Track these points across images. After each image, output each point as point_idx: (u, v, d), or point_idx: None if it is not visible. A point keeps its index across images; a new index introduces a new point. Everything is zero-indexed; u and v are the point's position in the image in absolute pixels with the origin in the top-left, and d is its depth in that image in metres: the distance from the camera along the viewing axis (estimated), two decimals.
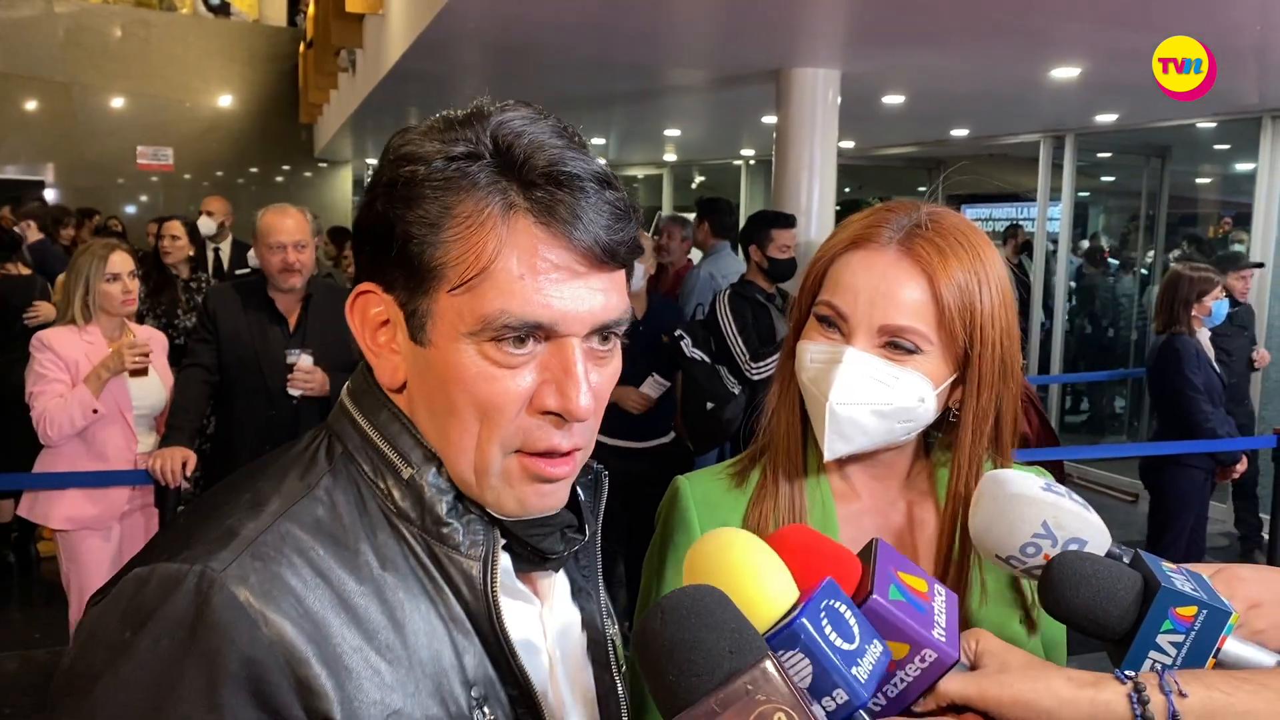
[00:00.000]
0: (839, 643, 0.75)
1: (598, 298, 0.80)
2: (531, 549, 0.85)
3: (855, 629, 0.77)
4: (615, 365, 0.85)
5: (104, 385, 3.37)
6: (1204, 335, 4.95)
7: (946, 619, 0.84)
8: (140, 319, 4.68)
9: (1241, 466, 4.99)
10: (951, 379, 1.12)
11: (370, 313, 0.84)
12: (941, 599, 0.86)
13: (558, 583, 0.92)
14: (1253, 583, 0.98)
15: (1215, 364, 4.97)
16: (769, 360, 4.31)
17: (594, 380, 0.81)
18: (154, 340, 3.71)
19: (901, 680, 0.81)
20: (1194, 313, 4.82)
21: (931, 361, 1.10)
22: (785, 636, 0.74)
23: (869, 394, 1.09)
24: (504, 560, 0.84)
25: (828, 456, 1.13)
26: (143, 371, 3.42)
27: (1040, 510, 0.93)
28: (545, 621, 0.90)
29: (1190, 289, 4.82)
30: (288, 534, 0.77)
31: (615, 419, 4.29)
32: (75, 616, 3.50)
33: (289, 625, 0.73)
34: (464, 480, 0.82)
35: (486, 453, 0.80)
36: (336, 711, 0.73)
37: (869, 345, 1.10)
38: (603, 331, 0.82)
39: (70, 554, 3.49)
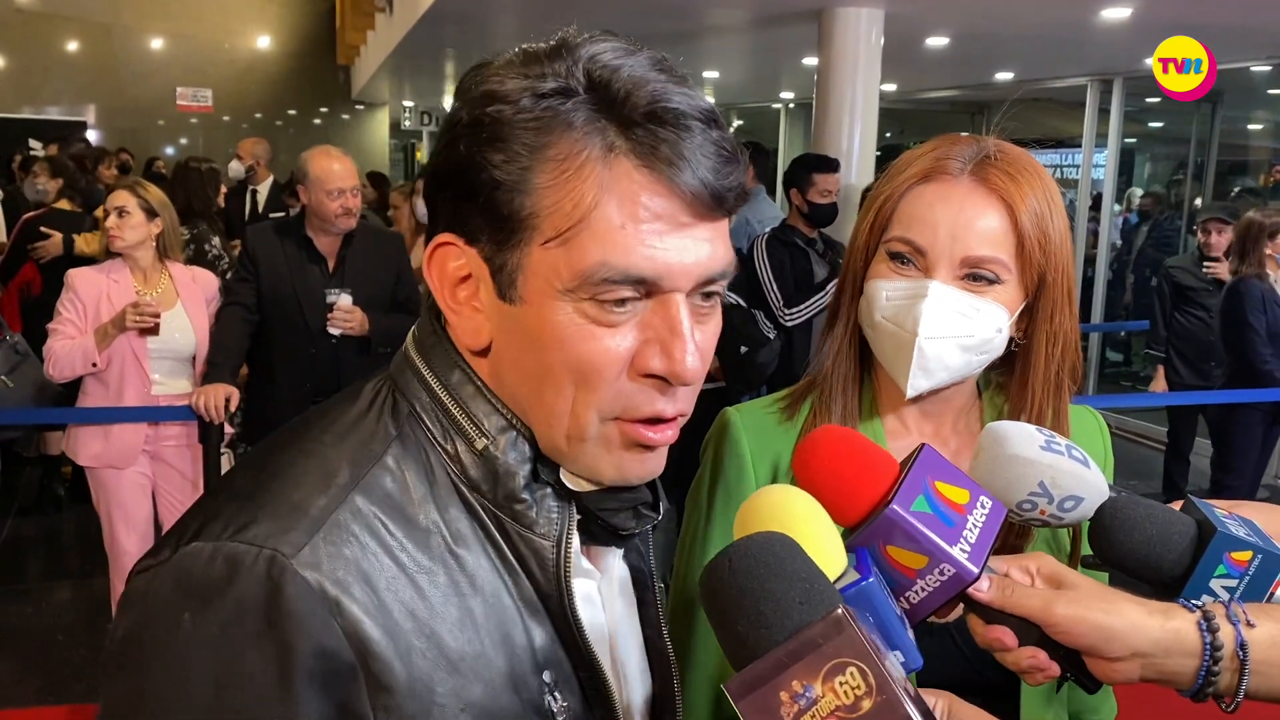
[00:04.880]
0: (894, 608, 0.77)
1: (704, 248, 0.72)
2: (603, 524, 0.80)
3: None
4: (717, 322, 0.78)
5: (110, 341, 3.48)
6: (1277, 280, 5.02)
7: (980, 534, 0.82)
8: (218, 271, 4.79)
9: None
10: (1021, 308, 1.13)
11: (450, 266, 0.76)
12: (983, 511, 0.84)
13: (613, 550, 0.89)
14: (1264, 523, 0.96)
15: None
16: (803, 305, 4.30)
17: (698, 339, 0.74)
18: (201, 281, 3.77)
19: (922, 589, 0.81)
20: (1269, 252, 4.91)
21: (1009, 291, 1.11)
22: (850, 597, 0.72)
23: (954, 327, 1.09)
24: (575, 540, 0.79)
25: (910, 393, 1.12)
26: (152, 331, 3.49)
27: (1037, 471, 0.92)
28: (604, 593, 0.86)
29: (1262, 231, 4.92)
30: (358, 511, 0.72)
31: None
32: (108, 544, 3.63)
33: (363, 614, 0.69)
34: (555, 447, 0.77)
35: (583, 419, 0.74)
36: (408, 703, 0.70)
37: (950, 278, 1.09)
38: (706, 286, 0.74)
39: (99, 487, 3.63)
